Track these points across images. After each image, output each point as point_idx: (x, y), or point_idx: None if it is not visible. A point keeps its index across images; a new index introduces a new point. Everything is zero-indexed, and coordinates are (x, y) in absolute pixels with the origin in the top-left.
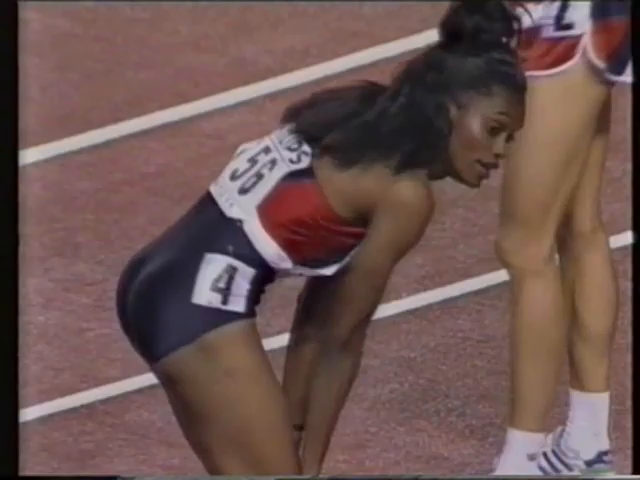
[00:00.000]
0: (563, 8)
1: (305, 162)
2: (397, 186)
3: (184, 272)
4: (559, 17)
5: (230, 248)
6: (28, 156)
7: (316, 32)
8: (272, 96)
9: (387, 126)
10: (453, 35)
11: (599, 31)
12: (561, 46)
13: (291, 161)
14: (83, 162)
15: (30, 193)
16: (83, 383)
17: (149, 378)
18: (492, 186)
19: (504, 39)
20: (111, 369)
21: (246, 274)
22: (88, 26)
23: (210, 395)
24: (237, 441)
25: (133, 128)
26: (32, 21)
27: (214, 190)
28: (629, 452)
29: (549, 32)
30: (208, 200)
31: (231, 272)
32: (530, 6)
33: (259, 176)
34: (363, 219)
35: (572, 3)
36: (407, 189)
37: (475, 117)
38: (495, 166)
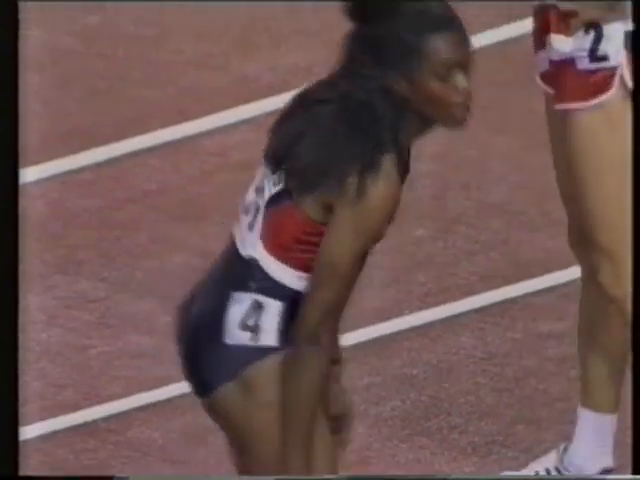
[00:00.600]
0: (597, 40)
1: (282, 183)
2: (358, 193)
3: (215, 314)
4: (593, 49)
5: (253, 285)
6: (30, 174)
7: (318, 49)
8: (275, 114)
9: (338, 140)
10: (367, 13)
11: (633, 60)
12: (598, 77)
13: (274, 184)
14: (85, 180)
15: (32, 211)
16: (85, 400)
17: (152, 395)
18: (494, 203)
19: None
20: (113, 386)
21: (273, 308)
22: (90, 43)
23: (249, 428)
24: (275, 472)
25: (135, 146)
26: (34, 38)
27: (235, 228)
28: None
29: (584, 64)
30: (232, 238)
31: (258, 308)
32: (562, 38)
33: (257, 208)
34: None
35: (605, 35)
36: (367, 191)
37: (426, 78)
38: (468, 98)
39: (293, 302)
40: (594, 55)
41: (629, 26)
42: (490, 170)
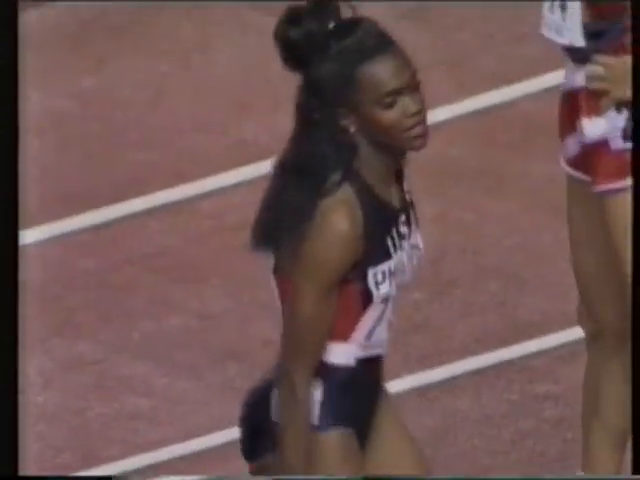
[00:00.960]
0: (628, 120)
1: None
2: (300, 240)
3: (267, 392)
4: (626, 128)
5: None
6: (29, 236)
7: None
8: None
9: (288, 193)
10: (300, 59)
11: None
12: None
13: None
14: (84, 242)
15: (30, 272)
16: (83, 463)
17: (148, 458)
18: (490, 266)
19: (331, 25)
20: (111, 449)
21: (315, 387)
22: (87, 106)
23: None
24: None
25: (133, 208)
26: (32, 101)
27: None
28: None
29: (618, 144)
30: None
31: None
32: (594, 120)
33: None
34: None
35: None
36: (309, 237)
37: (370, 108)
38: (421, 120)
39: (333, 379)
40: (626, 135)
41: None
42: (486, 233)
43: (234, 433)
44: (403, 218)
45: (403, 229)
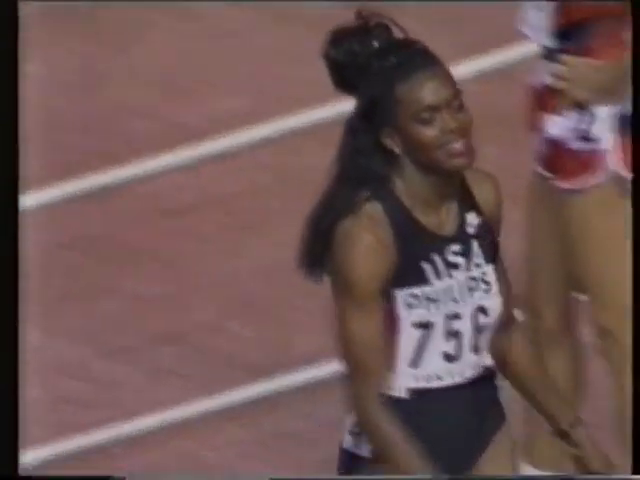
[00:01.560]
0: (586, 121)
1: None
2: (327, 264)
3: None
4: (584, 130)
5: None
6: None
7: (252, 95)
8: (208, 159)
9: (316, 217)
10: (345, 82)
11: (623, 144)
12: (588, 158)
13: None
14: (20, 226)
15: None
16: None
17: (84, 440)
18: None
19: (375, 43)
20: (47, 432)
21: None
22: (27, 91)
23: None
24: None
25: (69, 191)
26: None
27: None
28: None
29: (574, 144)
30: None
31: None
32: (553, 118)
33: None
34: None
35: (595, 116)
36: (335, 260)
37: (409, 124)
38: (461, 137)
39: None
40: (584, 136)
41: (619, 110)
42: None
43: (169, 416)
44: (456, 248)
45: (454, 258)
